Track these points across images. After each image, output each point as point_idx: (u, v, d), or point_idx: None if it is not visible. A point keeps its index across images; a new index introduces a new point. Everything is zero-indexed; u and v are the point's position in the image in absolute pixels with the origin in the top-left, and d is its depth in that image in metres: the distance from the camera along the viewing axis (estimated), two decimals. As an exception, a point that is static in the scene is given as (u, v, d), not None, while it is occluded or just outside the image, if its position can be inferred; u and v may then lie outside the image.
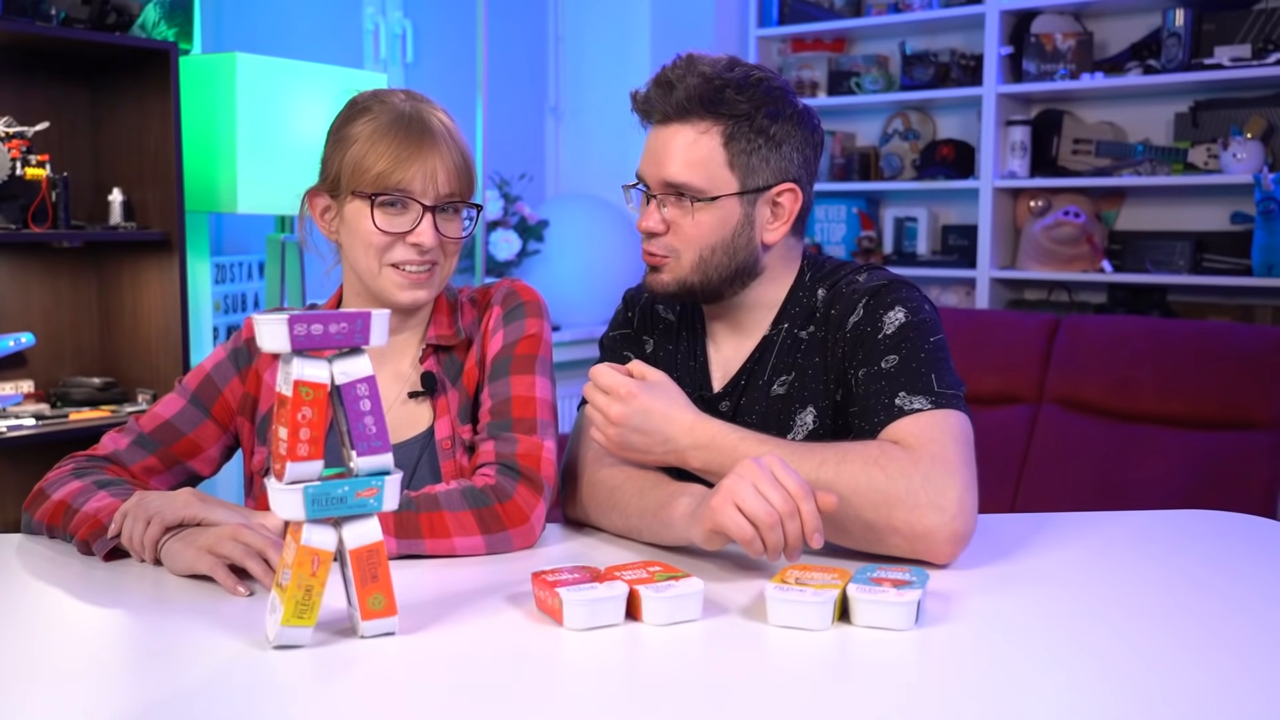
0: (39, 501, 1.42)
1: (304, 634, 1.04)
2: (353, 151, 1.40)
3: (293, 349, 1.01)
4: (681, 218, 1.44)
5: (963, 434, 1.33)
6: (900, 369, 1.37)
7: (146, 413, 1.52)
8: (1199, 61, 3.51)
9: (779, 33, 4.36)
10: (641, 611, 1.11)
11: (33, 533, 1.43)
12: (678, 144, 1.42)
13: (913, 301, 1.43)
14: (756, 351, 1.52)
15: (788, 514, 1.17)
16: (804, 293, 1.51)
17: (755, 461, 1.20)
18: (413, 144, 1.39)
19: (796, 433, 1.47)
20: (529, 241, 3.97)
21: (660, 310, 1.62)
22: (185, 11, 2.91)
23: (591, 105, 4.41)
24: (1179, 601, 1.21)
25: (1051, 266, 3.78)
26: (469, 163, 1.44)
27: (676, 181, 1.42)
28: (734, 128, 1.41)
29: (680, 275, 1.46)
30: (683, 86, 1.40)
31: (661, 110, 1.43)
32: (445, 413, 1.47)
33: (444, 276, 1.47)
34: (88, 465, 1.46)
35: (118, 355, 2.88)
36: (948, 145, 4.09)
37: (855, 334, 1.43)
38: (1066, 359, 3.11)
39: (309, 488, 1.02)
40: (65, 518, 1.36)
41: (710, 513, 1.20)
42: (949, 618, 1.13)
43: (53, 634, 1.11)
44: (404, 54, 3.86)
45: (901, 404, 1.34)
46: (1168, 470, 2.87)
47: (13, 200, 2.53)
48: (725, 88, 1.40)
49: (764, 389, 1.50)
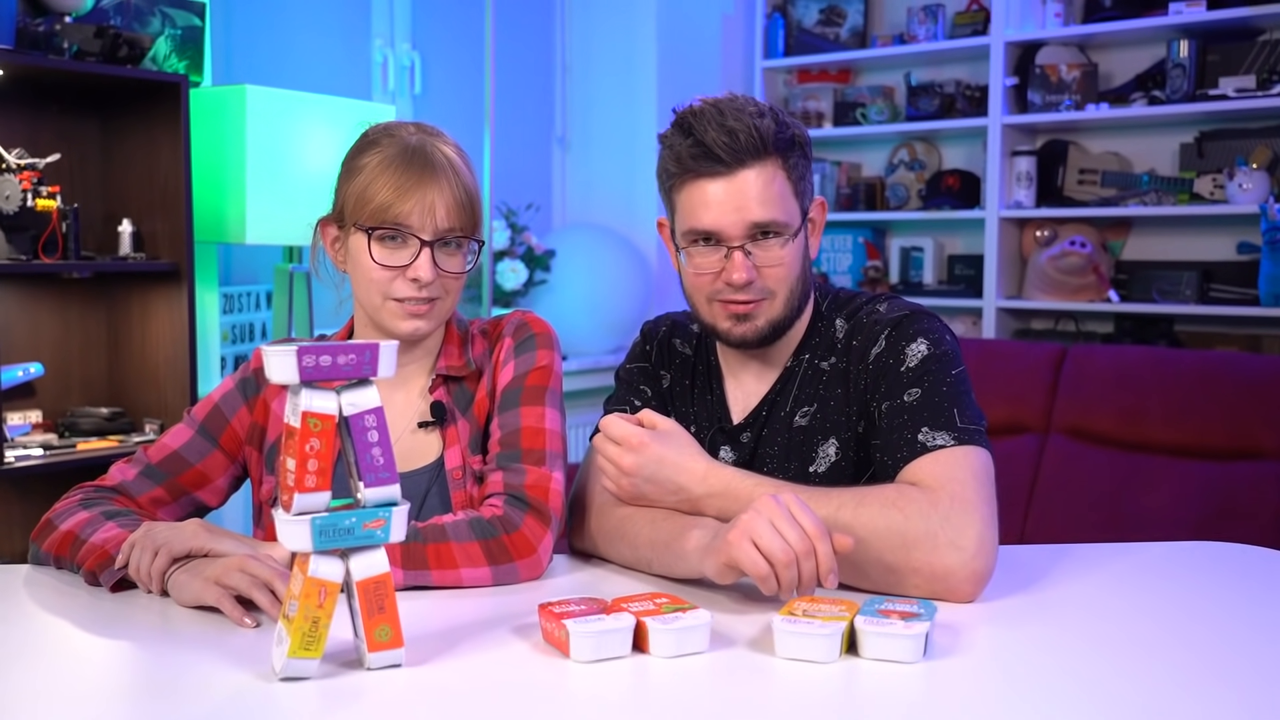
0: (46, 532, 1.42)
1: (310, 666, 1.04)
2: (356, 183, 1.41)
3: (301, 380, 1.02)
4: (771, 258, 1.43)
5: (984, 471, 1.33)
6: (922, 403, 1.37)
7: (154, 443, 1.52)
8: (1204, 92, 3.52)
9: (785, 64, 4.38)
10: (649, 643, 1.11)
11: (40, 564, 1.43)
12: (758, 186, 1.40)
13: (935, 333, 1.44)
14: (778, 383, 1.52)
15: (804, 553, 1.17)
16: (822, 323, 1.52)
17: (773, 498, 1.20)
18: (413, 177, 1.39)
19: (819, 464, 1.47)
20: (536, 271, 3.99)
21: (677, 344, 1.61)
22: (196, 44, 2.93)
23: (598, 136, 4.44)
24: (1188, 636, 1.20)
25: (1058, 296, 3.78)
26: (472, 197, 1.43)
27: (765, 222, 1.41)
28: (791, 158, 1.43)
29: (774, 316, 1.46)
30: (748, 130, 1.39)
31: (734, 156, 1.39)
32: (455, 442, 1.47)
33: (446, 309, 1.47)
34: (95, 496, 1.46)
35: (125, 385, 2.89)
36: (953, 175, 4.10)
37: (878, 366, 1.43)
38: (1074, 389, 3.10)
39: (316, 519, 1.02)
40: (73, 549, 1.36)
41: (726, 547, 1.20)
42: (957, 650, 1.13)
43: (58, 665, 1.11)
44: (412, 85, 3.88)
45: (924, 440, 1.34)
46: (1176, 500, 2.86)
47: (23, 231, 2.54)
48: (776, 123, 1.41)
49: (786, 420, 1.50)
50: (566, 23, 4.46)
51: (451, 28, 3.99)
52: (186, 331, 2.74)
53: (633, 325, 4.11)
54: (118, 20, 2.78)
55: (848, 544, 1.20)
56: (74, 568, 1.36)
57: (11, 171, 2.52)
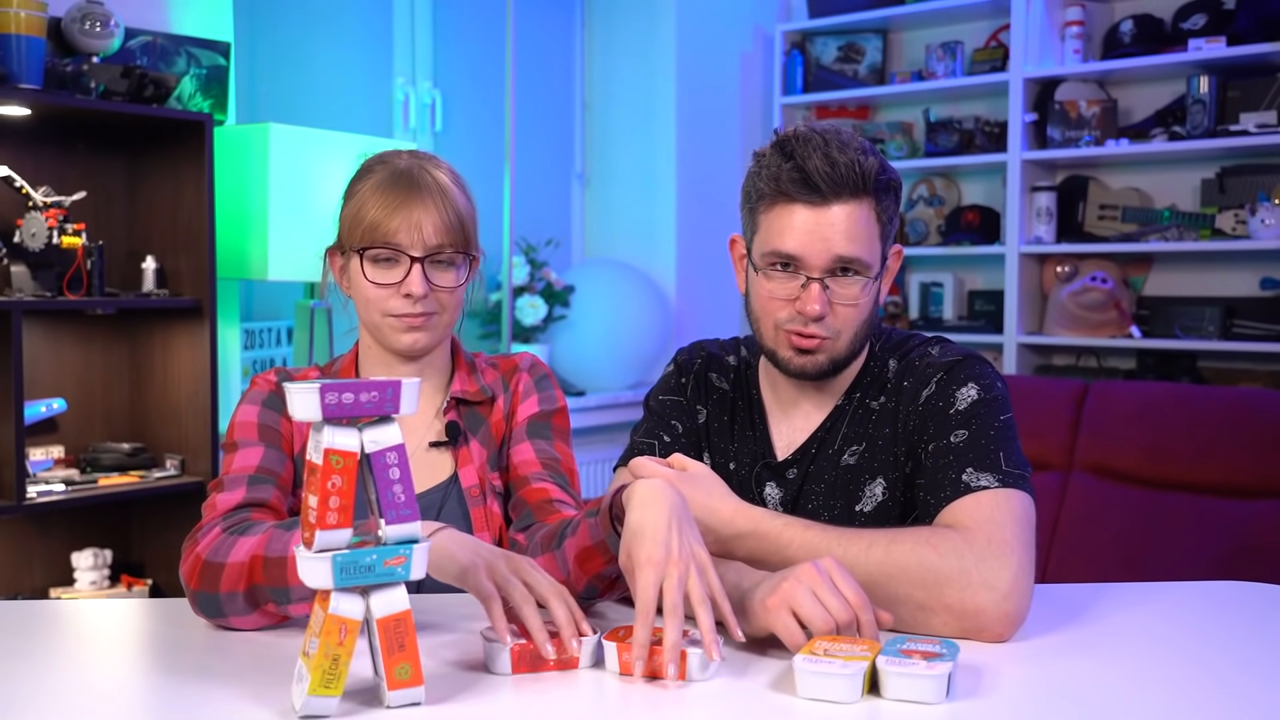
0: (212, 574, 1.27)
1: (330, 704, 1.03)
2: (349, 208, 1.48)
3: (324, 418, 1.02)
4: (847, 296, 1.43)
5: (1024, 515, 1.32)
6: (969, 445, 1.38)
7: (231, 472, 1.42)
8: (1224, 128, 3.52)
9: (803, 100, 4.40)
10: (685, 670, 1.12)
11: (217, 614, 1.29)
12: (849, 221, 1.40)
13: (986, 378, 1.44)
14: (828, 420, 1.52)
15: (845, 624, 1.16)
16: (875, 363, 1.52)
17: (814, 566, 1.19)
18: (400, 198, 1.44)
19: (865, 503, 1.46)
20: (555, 307, 4.00)
21: (714, 379, 1.60)
22: (220, 83, 2.97)
23: (618, 172, 4.46)
24: (1214, 677, 1.18)
25: (1079, 332, 3.77)
26: (461, 215, 1.47)
27: (850, 257, 1.41)
28: (884, 201, 1.44)
29: (836, 354, 1.46)
30: (852, 165, 1.39)
31: (832, 188, 1.39)
32: (469, 462, 1.52)
33: (445, 324, 1.51)
34: (235, 523, 1.33)
35: (147, 421, 2.90)
36: (973, 211, 4.10)
37: (927, 408, 1.44)
38: (1096, 425, 3.08)
39: (337, 556, 1.02)
40: (268, 570, 1.24)
41: (764, 613, 1.19)
42: (980, 691, 1.11)
43: (78, 700, 1.11)
44: (433, 123, 3.92)
45: (968, 480, 1.34)
46: (1200, 539, 2.83)
47: (49, 268, 2.57)
48: (878, 164, 1.42)
49: (834, 458, 1.49)
50: (586, 60, 4.50)
51: (472, 66, 4.03)
52: (208, 367, 2.76)
53: (652, 361, 4.15)
54: (144, 60, 2.81)
55: (887, 619, 1.19)
56: (281, 592, 1.23)
57: (38, 209, 2.55)
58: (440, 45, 3.97)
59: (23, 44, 2.48)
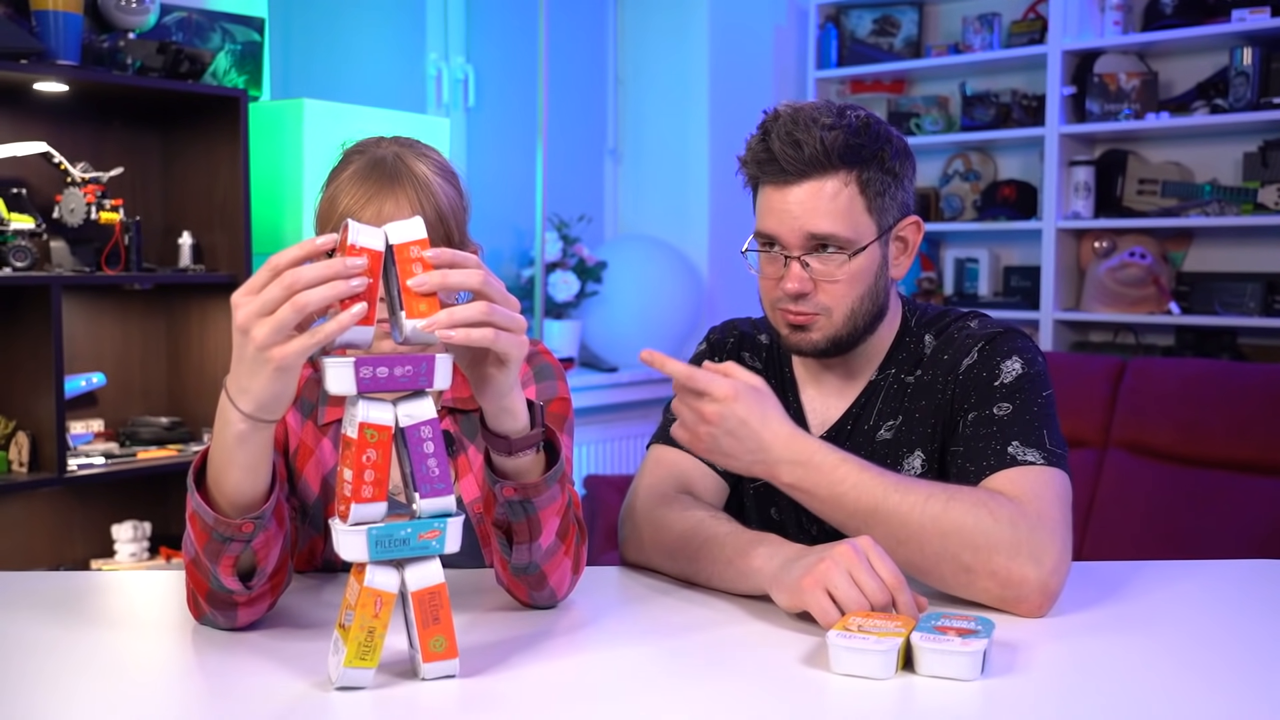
0: (193, 599, 1.23)
1: (366, 675, 1.04)
2: (325, 198, 1.40)
3: (359, 391, 1.02)
4: (830, 272, 1.42)
5: (1065, 495, 1.32)
6: (1014, 419, 1.37)
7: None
8: (1268, 100, 3.46)
9: (838, 74, 4.36)
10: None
11: (216, 616, 1.23)
12: (820, 197, 1.40)
13: (1029, 353, 1.44)
14: (862, 396, 1.51)
15: (881, 607, 1.16)
16: (910, 338, 1.51)
17: (852, 547, 1.18)
18: (371, 188, 1.35)
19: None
20: (587, 283, 4.00)
21: (746, 358, 1.59)
22: (255, 59, 2.98)
23: (650, 147, 4.45)
24: (1252, 656, 1.17)
25: (1117, 308, 3.73)
26: (440, 209, 1.36)
27: (824, 234, 1.40)
28: (867, 173, 1.41)
29: (832, 332, 1.45)
30: (814, 141, 1.38)
31: (796, 168, 1.40)
32: (468, 471, 1.43)
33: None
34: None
35: (185, 395, 2.93)
36: (1009, 186, 4.06)
37: (968, 377, 1.43)
38: (1133, 403, 3.05)
39: (373, 529, 1.03)
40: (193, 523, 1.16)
41: (799, 593, 1.19)
42: (1015, 668, 1.11)
43: (119, 670, 1.13)
44: (466, 99, 3.92)
45: (1015, 453, 1.34)
46: (1237, 517, 2.80)
47: (87, 244, 2.60)
48: (853, 136, 1.40)
49: (870, 434, 1.49)
50: (619, 35, 4.48)
51: (505, 41, 4.02)
52: (244, 342, 2.78)
53: (684, 336, 4.14)
54: (179, 36, 2.83)
55: (923, 604, 1.19)
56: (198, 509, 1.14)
57: (77, 185, 2.57)
58: (473, 20, 3.97)
59: (60, 20, 2.49)
